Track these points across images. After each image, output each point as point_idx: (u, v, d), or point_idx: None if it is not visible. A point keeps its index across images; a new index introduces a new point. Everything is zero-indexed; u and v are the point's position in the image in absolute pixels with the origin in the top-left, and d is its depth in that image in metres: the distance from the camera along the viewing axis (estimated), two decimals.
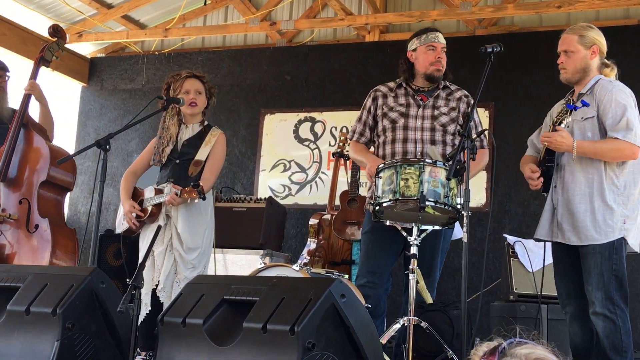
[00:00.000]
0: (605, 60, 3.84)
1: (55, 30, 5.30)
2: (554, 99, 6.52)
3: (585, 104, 3.62)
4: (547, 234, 3.82)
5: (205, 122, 4.65)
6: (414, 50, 4.36)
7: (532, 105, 6.94)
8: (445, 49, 4.35)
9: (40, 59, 5.19)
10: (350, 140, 4.52)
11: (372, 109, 4.42)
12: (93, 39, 8.45)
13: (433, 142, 4.24)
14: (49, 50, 5.21)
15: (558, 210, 3.75)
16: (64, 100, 8.69)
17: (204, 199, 4.23)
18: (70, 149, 8.32)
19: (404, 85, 4.38)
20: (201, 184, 4.22)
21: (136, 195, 4.56)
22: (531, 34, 7.39)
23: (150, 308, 4.27)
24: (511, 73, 7.01)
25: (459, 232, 4.55)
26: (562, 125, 3.65)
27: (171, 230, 4.40)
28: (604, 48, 3.81)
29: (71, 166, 5.06)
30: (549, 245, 3.90)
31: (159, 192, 4.41)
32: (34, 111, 5.18)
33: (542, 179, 3.83)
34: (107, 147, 4.01)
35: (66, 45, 8.25)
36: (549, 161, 3.79)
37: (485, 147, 4.39)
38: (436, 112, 4.29)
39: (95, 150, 4.06)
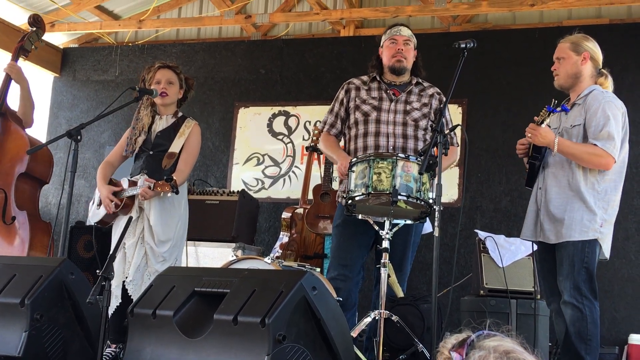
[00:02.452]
0: (602, 70, 3.91)
1: (35, 20, 5.20)
2: (527, 96, 6.64)
3: (565, 109, 3.73)
4: (531, 234, 3.91)
5: (180, 114, 4.62)
6: (382, 46, 4.44)
7: (505, 102, 7.00)
8: (408, 42, 4.37)
9: (19, 49, 5.07)
10: (321, 131, 4.52)
11: (345, 100, 4.43)
12: (66, 29, 8.34)
13: (405, 136, 4.27)
14: (29, 40, 5.10)
15: (541, 211, 3.84)
16: (35, 91, 8.55)
17: (176, 192, 4.17)
18: (42, 141, 8.22)
19: (378, 79, 4.40)
20: (175, 177, 4.17)
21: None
22: (505, 32, 7.44)
23: (120, 300, 4.25)
24: (484, 70, 7.05)
25: (429, 226, 4.59)
26: (543, 125, 3.72)
27: (143, 223, 4.37)
28: (597, 56, 3.89)
29: (48, 158, 5.00)
30: (525, 242, 3.97)
31: (132, 184, 4.38)
32: (14, 96, 5.06)
33: (525, 149, 3.97)
34: (79, 137, 3.97)
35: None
36: (534, 158, 3.88)
37: (455, 145, 4.42)
38: (408, 107, 4.31)
39: (67, 141, 4.01)
